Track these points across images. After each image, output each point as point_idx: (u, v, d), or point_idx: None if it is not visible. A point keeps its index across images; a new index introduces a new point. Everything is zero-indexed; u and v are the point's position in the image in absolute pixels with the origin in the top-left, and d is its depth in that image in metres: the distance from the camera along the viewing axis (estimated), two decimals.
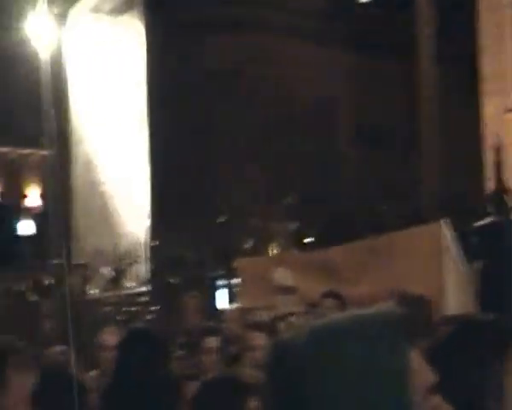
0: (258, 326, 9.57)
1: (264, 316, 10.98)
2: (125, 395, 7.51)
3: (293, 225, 21.80)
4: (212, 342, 9.35)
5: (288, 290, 11.89)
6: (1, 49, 25.86)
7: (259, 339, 9.05)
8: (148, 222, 22.24)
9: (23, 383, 5.11)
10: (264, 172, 26.61)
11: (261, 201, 24.52)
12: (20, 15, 23.91)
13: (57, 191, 24.56)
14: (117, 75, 24.17)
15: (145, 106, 23.11)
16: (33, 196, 35.64)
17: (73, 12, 25.64)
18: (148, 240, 21.57)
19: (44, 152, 27.85)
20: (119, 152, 24.02)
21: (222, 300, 18.69)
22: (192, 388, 7.05)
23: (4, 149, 37.96)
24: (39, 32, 22.97)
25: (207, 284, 19.30)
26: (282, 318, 10.78)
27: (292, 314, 10.94)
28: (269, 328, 9.62)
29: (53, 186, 25.71)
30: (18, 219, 33.56)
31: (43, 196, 33.59)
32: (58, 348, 9.71)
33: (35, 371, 5.09)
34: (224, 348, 9.43)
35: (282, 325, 10.45)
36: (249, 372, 8.09)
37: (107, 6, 24.84)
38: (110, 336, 9.39)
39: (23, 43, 23.84)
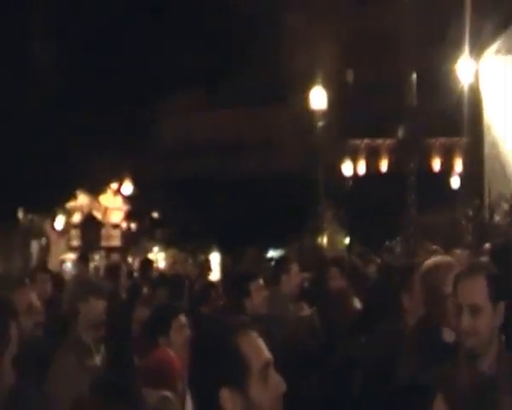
0: None
1: None
2: None
3: None
4: None
5: None
6: (441, 80, 26.16)
7: None
8: None
9: None
10: None
11: None
12: (452, 58, 24.29)
13: (473, 163, 24.70)
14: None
15: None
16: (458, 166, 35.83)
17: (484, 54, 25.45)
18: None
19: (466, 139, 27.89)
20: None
21: None
22: None
23: (442, 140, 38.45)
24: (464, 69, 23.31)
25: None
26: None
27: None
28: None
29: (471, 160, 25.79)
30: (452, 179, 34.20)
31: (464, 165, 33.43)
32: None
33: None
34: None
35: None
36: None
37: (504, 48, 24.38)
38: None
39: (455, 75, 24.23)
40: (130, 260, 33.76)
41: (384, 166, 46.71)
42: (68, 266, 29.13)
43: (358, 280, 7.33)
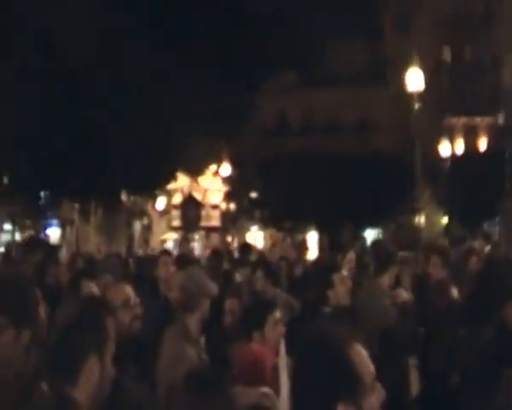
0: None
1: None
2: None
3: None
4: None
5: None
6: None
7: None
8: None
9: None
10: None
11: None
12: None
13: None
14: None
15: None
16: None
17: None
18: None
19: None
20: None
21: None
22: None
23: None
24: None
25: None
26: None
27: None
28: None
29: None
30: None
31: None
32: None
33: None
34: None
35: None
36: None
37: None
38: None
39: None
40: (229, 239, 34.19)
41: (483, 144, 45.32)
42: (169, 245, 29.72)
43: (457, 271, 7.08)
